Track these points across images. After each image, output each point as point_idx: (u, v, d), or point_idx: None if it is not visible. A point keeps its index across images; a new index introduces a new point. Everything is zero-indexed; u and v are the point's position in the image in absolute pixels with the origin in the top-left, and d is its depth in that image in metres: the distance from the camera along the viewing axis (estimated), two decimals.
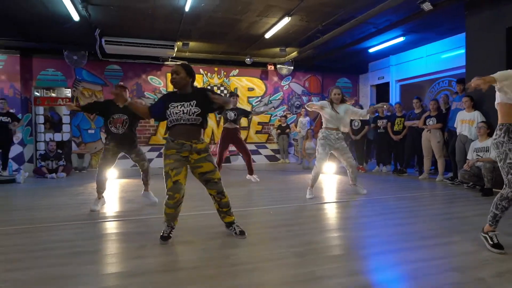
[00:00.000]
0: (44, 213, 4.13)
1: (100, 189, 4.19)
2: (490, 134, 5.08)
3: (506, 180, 2.59)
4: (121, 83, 4.50)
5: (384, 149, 7.88)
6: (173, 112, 2.81)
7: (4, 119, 7.20)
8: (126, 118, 4.17)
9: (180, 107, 2.80)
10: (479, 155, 5.11)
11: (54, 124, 8.81)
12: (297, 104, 10.83)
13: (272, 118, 10.57)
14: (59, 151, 7.68)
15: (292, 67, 10.33)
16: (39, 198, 5.14)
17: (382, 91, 10.78)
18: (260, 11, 6.27)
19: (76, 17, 6.17)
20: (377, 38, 8.07)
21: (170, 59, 9.21)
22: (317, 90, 11.08)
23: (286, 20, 6.57)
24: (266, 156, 10.49)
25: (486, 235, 2.68)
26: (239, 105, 7.15)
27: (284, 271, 2.30)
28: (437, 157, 6.40)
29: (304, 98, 10.91)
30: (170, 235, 2.92)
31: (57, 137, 8.52)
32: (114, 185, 6.05)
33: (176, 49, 8.31)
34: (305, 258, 2.53)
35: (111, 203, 4.59)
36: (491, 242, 2.63)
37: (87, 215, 3.95)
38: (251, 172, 6.39)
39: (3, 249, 2.82)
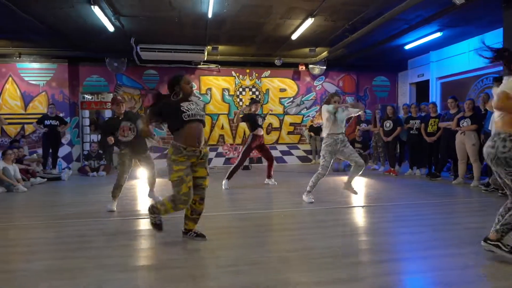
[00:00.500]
0: (76, 208, 4.56)
1: (117, 193, 4.44)
2: None
3: None
4: (119, 97, 4.75)
5: (417, 151, 7.48)
6: (190, 108, 2.93)
7: (54, 122, 7.98)
8: (130, 124, 4.44)
9: (191, 105, 2.98)
10: None
11: (98, 126, 9.56)
12: None
13: (304, 119, 10.50)
14: (100, 151, 8.34)
15: (325, 67, 10.16)
16: (76, 195, 5.67)
17: (422, 90, 10.20)
18: (282, 13, 6.28)
19: (111, 28, 6.66)
20: (412, 35, 7.68)
21: (202, 63, 9.53)
22: (351, 89, 10.78)
23: (310, 21, 6.52)
24: (298, 157, 10.44)
25: (498, 243, 2.47)
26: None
27: (263, 275, 2.35)
28: (472, 161, 5.96)
29: None
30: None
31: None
32: (141, 185, 6.44)
33: (206, 53, 8.60)
34: (289, 263, 2.56)
35: (138, 201, 4.93)
36: (507, 249, 2.44)
37: (112, 212, 4.29)
38: (269, 175, 6.43)
39: (27, 241, 3.19)
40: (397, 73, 11.07)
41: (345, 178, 5.09)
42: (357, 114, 5.20)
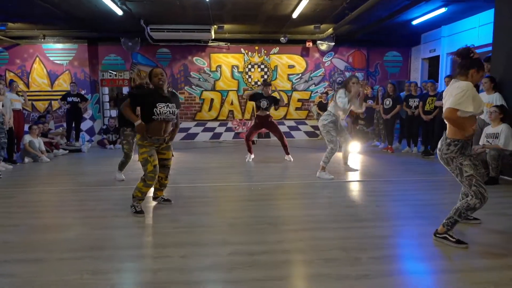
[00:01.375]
0: (88, 178, 5.29)
1: (123, 167, 5.06)
2: (503, 120, 4.72)
3: (471, 192, 2.57)
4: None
5: (415, 129, 7.57)
6: (162, 111, 3.32)
7: (75, 99, 8.77)
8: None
9: (166, 108, 3.33)
10: (488, 141, 4.80)
11: (117, 102, 10.31)
12: (339, 80, 10.68)
13: (312, 95, 10.67)
14: (117, 126, 9.09)
15: (333, 43, 10.15)
16: (92, 165, 6.43)
17: (434, 65, 9.98)
18: None
19: (119, 12, 7.13)
20: (417, 10, 7.56)
21: (210, 41, 9.86)
22: (361, 65, 10.73)
23: (306, 1, 6.63)
24: (306, 132, 10.73)
25: (446, 235, 2.68)
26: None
27: (206, 236, 2.86)
28: None
29: (347, 74, 10.69)
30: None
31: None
32: None
33: (213, 32, 8.91)
34: (235, 227, 3.05)
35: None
36: (453, 239, 2.65)
37: (121, 181, 4.95)
38: (287, 152, 6.71)
39: (45, 203, 3.91)
40: (410, 47, 10.82)
41: (338, 154, 5.50)
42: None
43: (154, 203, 3.84)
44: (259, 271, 2.26)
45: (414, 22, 8.46)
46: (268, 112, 6.57)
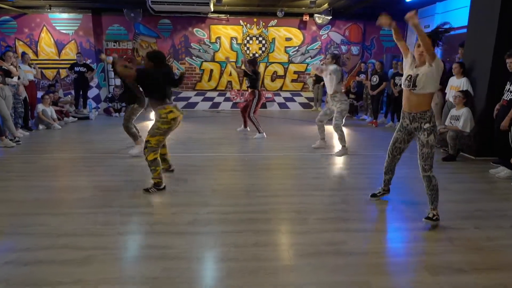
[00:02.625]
0: (97, 146, 6.00)
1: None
2: (465, 104, 5.25)
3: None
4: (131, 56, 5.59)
5: (399, 105, 8.06)
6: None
7: (82, 69, 9.31)
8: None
9: None
10: (451, 122, 5.37)
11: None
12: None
13: (308, 68, 11.06)
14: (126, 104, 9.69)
15: (330, 17, 10.37)
16: (99, 134, 7.14)
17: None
18: None
19: None
20: None
21: (209, 14, 10.15)
22: (357, 39, 10.99)
23: None
24: (301, 104, 11.25)
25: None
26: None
27: (188, 198, 3.58)
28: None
29: (343, 47, 11.00)
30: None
31: None
32: None
33: (212, 5, 9.20)
34: (216, 193, 3.77)
35: None
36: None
37: (122, 150, 5.67)
38: (245, 125, 7.25)
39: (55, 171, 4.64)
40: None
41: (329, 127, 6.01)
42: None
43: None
44: (227, 226, 2.99)
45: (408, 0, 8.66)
46: (252, 89, 6.76)
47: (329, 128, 6.01)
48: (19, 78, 6.54)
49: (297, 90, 11.18)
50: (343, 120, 5.48)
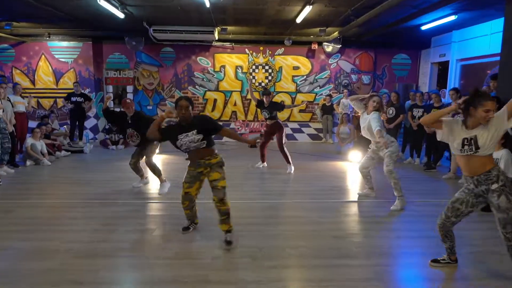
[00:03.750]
0: (85, 189, 5.36)
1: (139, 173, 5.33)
2: (504, 145, 4.57)
3: None
4: (128, 100, 5.06)
5: (418, 140, 7.43)
6: (182, 144, 3.33)
7: (79, 99, 8.83)
8: (133, 131, 4.92)
9: (186, 137, 3.29)
10: None
11: (121, 100, 10.37)
12: (345, 82, 10.50)
13: (317, 97, 10.53)
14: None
15: (340, 45, 9.93)
16: (91, 172, 6.51)
17: (443, 70, 9.72)
18: (278, 1, 6.29)
19: (121, 15, 7.08)
20: (425, 17, 7.31)
21: (213, 42, 9.77)
22: (368, 67, 10.50)
23: (309, 8, 6.47)
24: (309, 135, 10.64)
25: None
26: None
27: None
28: None
29: (353, 76, 10.50)
30: (190, 227, 3.70)
31: None
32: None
33: (216, 34, 8.80)
34: (217, 261, 3.06)
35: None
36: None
37: (111, 196, 5.01)
38: (287, 161, 6.55)
39: (20, 221, 3.98)
40: (420, 50, 10.53)
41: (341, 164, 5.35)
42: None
43: (150, 229, 3.87)
44: None
45: (423, 28, 8.20)
46: (276, 120, 6.46)
47: (324, 165, 5.34)
48: (3, 111, 6.01)
49: (305, 121, 10.59)
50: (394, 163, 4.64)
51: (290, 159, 6.57)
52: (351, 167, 7.12)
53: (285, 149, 6.55)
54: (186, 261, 3.10)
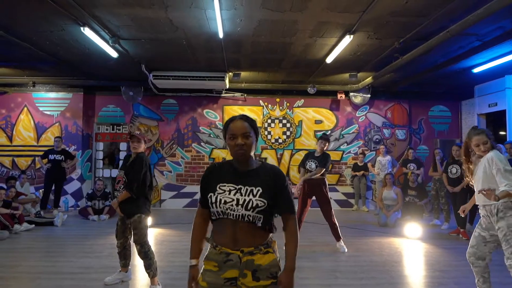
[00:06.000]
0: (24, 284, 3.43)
1: (121, 262, 3.58)
2: None
3: None
4: (137, 132, 3.61)
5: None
6: (220, 199, 1.68)
7: (58, 157, 7.25)
8: (123, 174, 3.40)
9: (234, 194, 1.68)
10: None
11: (113, 159, 8.78)
12: (377, 138, 8.94)
13: (344, 156, 8.88)
14: (106, 190, 7.38)
15: (369, 95, 8.58)
16: (52, 255, 4.59)
17: (495, 122, 8.21)
18: (312, 30, 4.98)
19: (114, 54, 5.81)
20: (484, 54, 5.99)
21: (224, 91, 8.47)
22: (403, 121, 9.02)
23: (348, 39, 5.13)
24: (337, 201, 8.76)
25: None
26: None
27: None
28: None
29: (385, 131, 8.97)
30: None
31: (114, 173, 8.45)
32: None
33: (228, 80, 7.49)
34: None
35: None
36: None
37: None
38: (338, 237, 4.87)
39: None
40: (461, 101, 9.16)
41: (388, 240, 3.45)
42: None
43: None
44: None
45: (476, 70, 6.86)
46: (321, 177, 4.83)
47: (372, 242, 3.46)
48: None
49: (332, 184, 8.79)
50: None
51: (340, 233, 4.79)
52: (412, 244, 5.20)
53: (334, 218, 4.80)
54: None
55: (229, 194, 1.66)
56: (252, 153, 1.73)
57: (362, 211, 8.36)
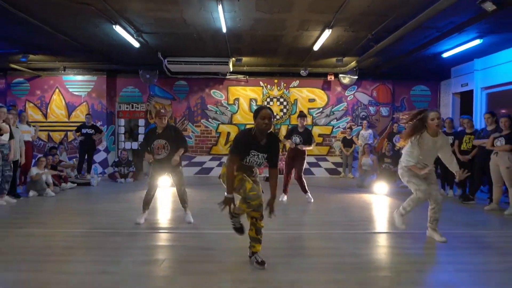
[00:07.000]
0: (87, 219, 4.85)
1: (146, 207, 4.56)
2: None
3: None
4: (162, 111, 4.74)
5: (450, 170, 6.79)
6: (250, 159, 2.95)
7: (89, 131, 8.59)
8: (165, 143, 4.49)
9: (257, 158, 2.96)
10: None
11: (132, 134, 10.13)
12: (363, 115, 10.13)
13: (334, 130, 10.13)
14: (130, 159, 8.79)
15: (356, 76, 9.71)
16: (96, 203, 6.03)
17: (466, 101, 9.32)
18: (297, 26, 6.13)
19: (136, 44, 7.02)
20: (448, 42, 7.08)
21: (228, 74, 9.66)
22: (386, 99, 10.18)
23: (328, 33, 6.28)
24: (327, 169, 10.08)
25: None
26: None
27: None
28: (508, 185, 5.28)
29: (371, 108, 10.16)
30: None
31: (134, 145, 9.81)
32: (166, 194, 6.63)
33: (231, 65, 8.68)
34: None
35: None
36: None
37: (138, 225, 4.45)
38: (305, 191, 6.13)
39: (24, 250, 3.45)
40: (440, 81, 10.24)
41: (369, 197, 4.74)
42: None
43: (157, 259, 3.30)
44: None
45: (445, 55, 7.94)
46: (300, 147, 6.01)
47: (347, 197, 4.76)
48: (12, 137, 5.71)
49: (322, 155, 10.10)
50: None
51: (307, 188, 6.09)
52: (377, 199, 6.52)
53: (303, 177, 6.11)
54: None
55: (253, 157, 2.94)
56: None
57: (349, 177, 9.68)
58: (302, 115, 6.18)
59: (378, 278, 2.88)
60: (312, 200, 6.07)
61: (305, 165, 6.27)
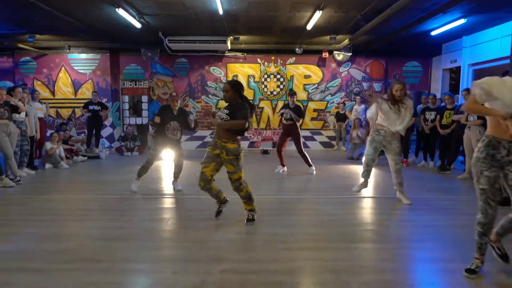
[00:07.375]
0: (101, 186, 5.49)
1: (142, 174, 5.00)
2: None
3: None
4: (174, 94, 5.18)
5: (431, 143, 7.37)
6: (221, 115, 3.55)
7: (96, 107, 9.11)
8: (179, 125, 4.97)
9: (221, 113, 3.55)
10: None
11: (136, 109, 10.63)
12: (356, 90, 10.56)
13: (328, 105, 10.60)
14: (135, 133, 9.37)
15: (350, 53, 10.06)
16: (107, 173, 6.66)
17: (457, 76, 9.70)
18: (289, 8, 6.49)
19: (138, 25, 7.39)
20: (434, 21, 7.40)
21: (227, 51, 10.02)
22: (379, 75, 10.57)
23: (319, 14, 6.64)
24: (321, 143, 10.65)
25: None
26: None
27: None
28: (468, 156, 5.85)
29: (364, 84, 10.57)
30: (220, 209, 3.77)
31: (138, 121, 10.34)
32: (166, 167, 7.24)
33: (229, 43, 9.05)
34: (232, 244, 3.08)
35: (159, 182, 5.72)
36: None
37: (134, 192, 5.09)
38: (309, 164, 6.64)
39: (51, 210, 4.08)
40: (431, 58, 10.57)
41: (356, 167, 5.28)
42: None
43: (159, 218, 3.92)
44: None
45: (433, 33, 8.27)
46: (292, 122, 6.55)
47: (337, 168, 5.32)
48: (27, 115, 6.25)
49: (317, 129, 10.63)
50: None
51: (310, 161, 6.63)
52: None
53: (304, 151, 6.63)
54: (200, 244, 3.13)
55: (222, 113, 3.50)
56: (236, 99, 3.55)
57: (342, 150, 10.25)
58: (291, 94, 6.67)
59: (347, 232, 3.48)
60: (315, 173, 6.56)
61: (302, 140, 6.74)
